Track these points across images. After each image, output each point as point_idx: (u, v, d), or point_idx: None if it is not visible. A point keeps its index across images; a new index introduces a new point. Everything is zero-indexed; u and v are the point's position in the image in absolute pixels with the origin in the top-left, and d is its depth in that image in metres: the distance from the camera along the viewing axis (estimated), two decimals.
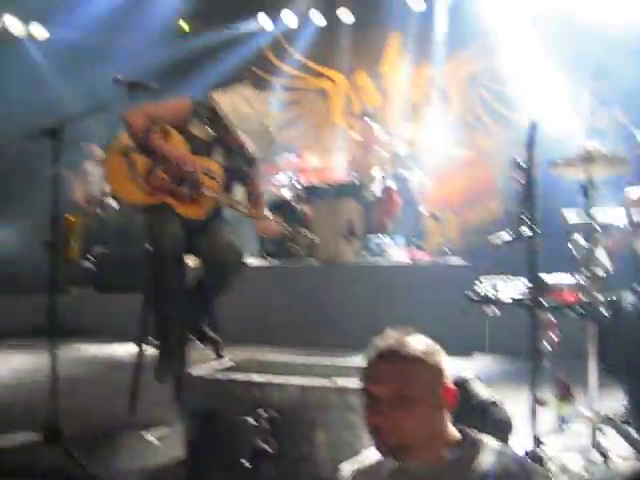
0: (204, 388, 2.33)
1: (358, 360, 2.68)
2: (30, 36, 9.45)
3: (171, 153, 3.35)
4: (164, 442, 3.00)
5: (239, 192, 3.76)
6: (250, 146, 3.44)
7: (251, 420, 2.07)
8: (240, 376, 2.28)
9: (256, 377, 2.23)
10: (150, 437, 3.04)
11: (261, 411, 2.08)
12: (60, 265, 4.95)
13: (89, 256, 7.14)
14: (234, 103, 3.46)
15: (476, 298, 2.87)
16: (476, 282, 2.91)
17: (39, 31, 9.42)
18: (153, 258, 3.33)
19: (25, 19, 9.29)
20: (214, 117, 3.49)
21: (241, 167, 3.61)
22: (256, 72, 9.84)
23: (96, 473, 2.49)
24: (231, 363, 2.60)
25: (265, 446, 2.01)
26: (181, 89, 7.08)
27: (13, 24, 9.21)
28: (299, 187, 7.30)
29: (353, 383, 2.14)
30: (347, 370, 2.38)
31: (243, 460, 1.98)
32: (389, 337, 1.56)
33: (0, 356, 5.43)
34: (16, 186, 8.29)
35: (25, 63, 9.36)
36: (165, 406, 3.61)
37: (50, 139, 2.84)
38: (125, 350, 5.69)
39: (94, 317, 6.45)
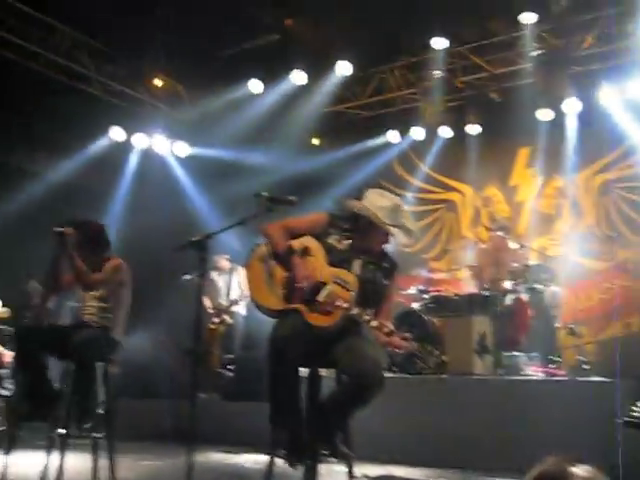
0: None
1: None
2: (173, 153, 10.20)
3: (300, 272, 3.43)
4: None
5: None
6: (398, 235, 3.45)
7: None
8: None
9: None
10: None
11: None
12: (199, 372, 5.15)
13: (228, 364, 7.27)
14: (369, 199, 3.53)
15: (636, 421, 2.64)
16: (632, 407, 2.70)
17: (182, 148, 10.16)
18: (271, 359, 3.34)
19: (170, 137, 10.07)
20: (351, 223, 3.58)
21: (377, 279, 3.60)
22: (384, 185, 10.07)
23: None
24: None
25: None
26: (314, 203, 7.36)
27: (160, 142, 9.99)
28: (428, 298, 7.22)
29: None
30: None
31: None
32: (550, 465, 1.43)
33: (130, 462, 5.50)
34: (150, 294, 8.72)
35: (168, 178, 10.06)
36: None
37: (197, 250, 2.97)
38: (252, 460, 5.70)
39: (218, 425, 6.49)
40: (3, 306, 6.39)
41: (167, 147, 10.09)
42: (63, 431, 4.29)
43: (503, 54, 8.72)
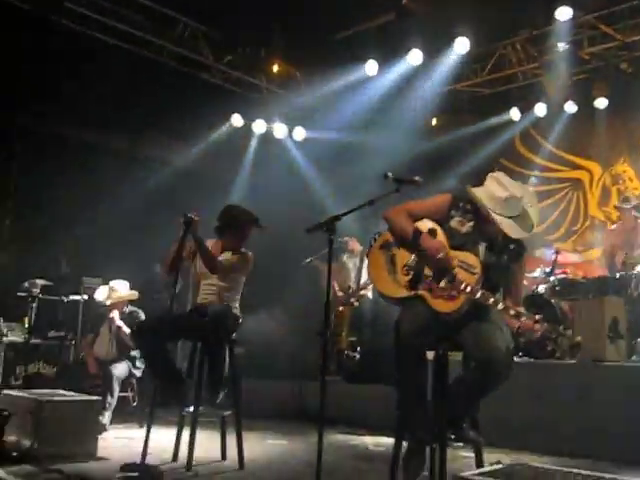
0: None
1: None
2: (291, 137, 10.33)
3: (430, 250, 3.36)
4: None
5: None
6: (507, 228, 3.32)
7: None
8: None
9: None
10: None
11: None
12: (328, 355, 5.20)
13: (355, 347, 7.31)
14: (489, 190, 3.40)
15: None
16: None
17: (299, 132, 10.27)
18: (397, 348, 3.33)
19: (288, 122, 10.20)
20: (473, 209, 3.47)
21: (502, 262, 3.48)
22: (506, 165, 9.76)
23: None
24: (500, 466, 2.44)
25: None
26: (434, 185, 7.23)
27: (278, 128, 10.15)
28: (556, 282, 6.94)
29: None
30: None
31: None
32: None
33: (256, 439, 5.65)
34: (273, 278, 8.88)
35: (287, 162, 10.20)
36: None
37: (325, 232, 2.98)
38: (376, 442, 5.72)
39: (342, 407, 6.52)
40: (132, 289, 6.69)
41: (285, 132, 10.22)
42: (191, 409, 4.47)
43: (634, 21, 8.19)
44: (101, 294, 6.65)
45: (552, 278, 7.00)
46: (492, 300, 3.28)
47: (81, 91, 8.05)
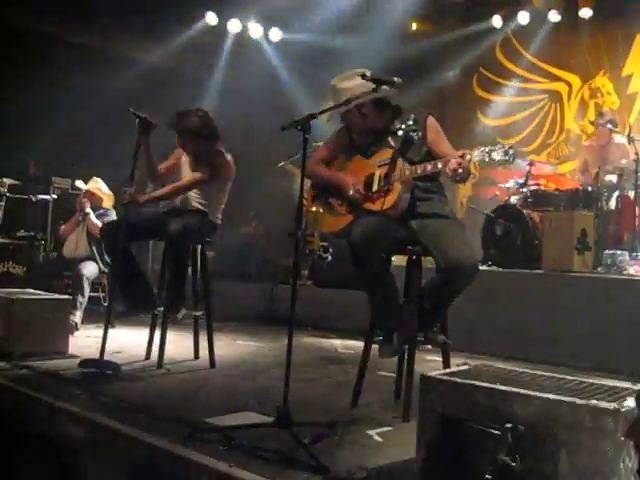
0: (439, 390, 2.24)
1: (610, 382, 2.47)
2: (267, 38, 10.03)
3: (339, 180, 3.58)
4: (387, 441, 2.97)
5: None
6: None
7: (494, 431, 1.95)
8: (481, 382, 2.17)
9: (500, 385, 2.10)
10: (375, 435, 3.02)
11: (506, 423, 1.95)
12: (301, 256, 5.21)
13: (328, 249, 7.28)
14: (340, 88, 3.51)
15: None
16: None
17: (275, 34, 9.97)
18: (355, 263, 3.37)
19: (264, 23, 9.87)
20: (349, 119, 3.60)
21: (408, 138, 3.48)
22: (485, 74, 9.62)
23: (326, 463, 2.50)
24: (466, 367, 2.49)
25: (509, 461, 1.88)
26: (411, 90, 7.12)
27: (254, 28, 9.83)
28: (528, 193, 6.96)
29: (607, 405, 1.94)
30: (597, 390, 2.18)
31: (485, 473, 1.87)
32: None
33: (227, 340, 5.74)
34: (246, 180, 8.80)
35: (262, 63, 9.93)
36: (388, 404, 3.63)
37: (300, 130, 2.91)
38: (345, 345, 5.84)
39: (311, 310, 6.61)
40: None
41: (261, 32, 9.91)
42: (161, 309, 4.50)
43: None
44: (81, 183, 6.62)
45: (525, 189, 7.03)
46: (421, 168, 3.29)
47: None
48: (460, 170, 3.08)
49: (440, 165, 3.21)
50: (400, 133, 3.49)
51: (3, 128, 7.96)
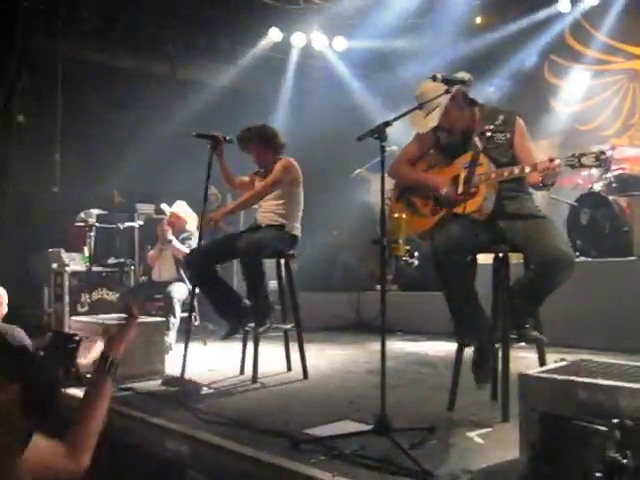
0: (539, 388, 2.20)
1: None
2: (332, 48, 10.07)
3: (428, 181, 3.58)
4: (488, 442, 2.94)
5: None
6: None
7: (600, 427, 1.90)
8: (581, 377, 2.12)
9: (602, 379, 2.05)
10: (476, 437, 2.99)
11: (612, 418, 1.90)
12: (387, 263, 5.21)
13: (414, 254, 7.26)
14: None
15: None
16: None
17: (339, 42, 10.00)
18: (435, 259, 3.35)
19: (328, 33, 9.93)
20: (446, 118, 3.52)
21: (497, 138, 3.47)
22: (556, 60, 9.38)
23: (429, 468, 2.50)
24: (564, 363, 2.44)
25: (620, 458, 1.83)
26: (483, 83, 7.04)
27: (318, 39, 9.90)
28: (612, 179, 6.73)
29: None
30: None
31: (594, 471, 1.83)
32: None
33: (318, 350, 5.78)
34: (321, 191, 8.86)
35: (329, 74, 9.99)
36: (485, 405, 3.59)
37: (376, 138, 2.93)
38: (433, 348, 5.80)
39: (399, 315, 6.58)
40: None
41: (326, 43, 9.97)
42: (252, 324, 4.58)
43: None
44: (166, 206, 6.82)
45: (608, 175, 6.80)
46: (508, 172, 3.29)
47: (118, 19, 7.99)
48: (548, 175, 3.11)
49: (528, 170, 3.21)
50: (488, 134, 3.47)
51: (87, 163, 8.30)
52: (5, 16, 7.23)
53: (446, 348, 5.35)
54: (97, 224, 7.25)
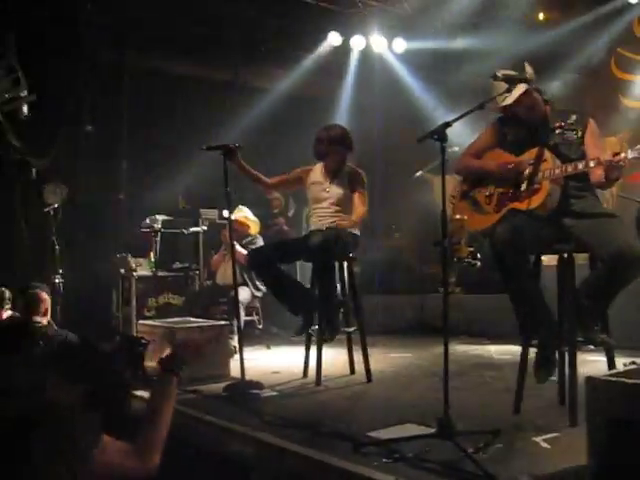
0: (608, 392, 2.14)
1: None
2: (391, 50, 10.02)
3: (493, 166, 3.56)
4: (555, 447, 2.87)
5: None
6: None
7: None
8: None
9: None
10: (542, 442, 2.92)
11: None
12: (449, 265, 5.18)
13: (477, 255, 7.16)
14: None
15: None
16: None
17: (399, 44, 9.94)
18: (495, 251, 3.33)
19: (387, 35, 9.89)
20: (516, 115, 3.57)
21: (567, 136, 3.44)
22: (624, 54, 9.10)
23: (494, 472, 2.46)
24: (634, 367, 2.36)
25: None
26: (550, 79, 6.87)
27: (377, 41, 9.87)
28: None
29: None
30: None
31: None
32: None
33: (381, 353, 5.76)
34: (384, 192, 8.81)
35: (389, 76, 9.94)
36: (552, 410, 3.51)
37: (437, 140, 2.91)
38: (498, 350, 5.71)
39: (462, 317, 6.51)
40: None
41: (385, 45, 9.92)
42: (315, 327, 4.60)
43: None
44: (227, 212, 6.92)
45: None
46: (572, 167, 3.26)
47: (181, 27, 8.16)
48: (612, 169, 3.07)
49: (592, 164, 3.19)
50: (558, 130, 3.46)
51: (152, 170, 8.49)
52: (73, 28, 7.48)
53: (511, 351, 5.26)
54: (162, 229, 7.40)
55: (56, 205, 6.97)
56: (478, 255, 6.94)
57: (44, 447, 0.84)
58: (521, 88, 3.38)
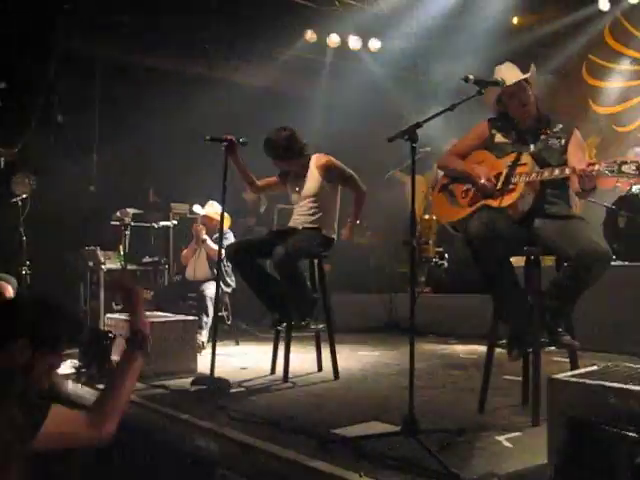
0: (569, 392, 2.18)
1: None
2: (367, 49, 10.06)
3: (474, 173, 3.56)
4: (517, 446, 2.91)
5: None
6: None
7: (631, 434, 1.88)
8: (613, 383, 2.09)
9: (633, 385, 2.02)
10: (505, 440, 2.96)
11: None
12: (418, 265, 5.21)
13: (444, 255, 7.22)
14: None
15: None
16: None
17: (374, 44, 9.98)
18: (476, 258, 3.37)
19: (362, 34, 9.92)
20: (504, 117, 3.67)
21: (551, 143, 3.53)
22: (595, 60, 9.24)
23: (457, 471, 2.48)
24: (595, 368, 2.41)
25: None
26: None
27: (353, 40, 9.89)
28: None
29: None
30: None
31: (623, 478, 1.80)
32: None
33: (349, 351, 5.79)
34: None
35: (363, 74, 9.97)
36: (515, 409, 3.56)
37: (407, 140, 2.92)
38: (467, 350, 5.76)
39: (429, 316, 6.54)
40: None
41: (360, 44, 9.95)
42: (284, 325, 4.60)
43: None
44: (198, 207, 6.88)
45: None
46: (548, 172, 3.34)
47: (154, 19, 8.09)
48: (586, 179, 3.15)
49: (567, 171, 3.27)
50: (543, 136, 3.55)
51: (124, 162, 8.41)
52: (44, 20, 7.38)
53: (477, 351, 5.32)
54: (132, 223, 7.34)
55: (24, 195, 6.88)
56: (446, 255, 7.01)
57: None
58: (520, 75, 3.48)
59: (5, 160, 7.36)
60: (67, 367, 4.59)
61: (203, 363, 5.04)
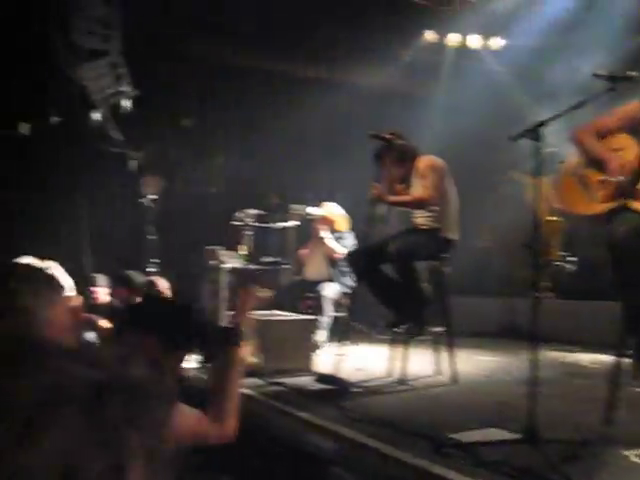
0: None
1: None
2: (487, 48, 9.83)
3: (612, 166, 3.18)
4: None
5: None
6: None
7: None
8: None
9: None
10: (633, 456, 2.80)
11: None
12: (540, 267, 5.02)
13: (569, 259, 6.91)
14: None
15: None
16: None
17: (495, 42, 9.74)
18: (616, 263, 3.10)
19: (483, 33, 9.71)
20: None
21: None
22: None
23: None
24: None
25: None
26: None
27: (473, 39, 9.70)
28: None
29: None
30: None
31: None
32: None
33: (468, 355, 5.67)
34: (474, 193, 8.65)
35: (484, 73, 9.76)
36: None
37: (531, 139, 2.83)
38: (592, 359, 5.50)
39: (553, 323, 6.29)
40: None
41: (481, 43, 9.74)
42: (403, 327, 4.57)
43: None
44: (312, 209, 6.98)
45: None
46: None
47: (274, 23, 8.28)
48: None
49: None
50: None
51: (248, 165, 8.66)
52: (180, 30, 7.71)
53: (603, 360, 5.07)
54: (253, 223, 7.52)
55: (155, 197, 7.21)
56: (572, 259, 6.69)
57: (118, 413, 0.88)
58: None
59: (137, 163, 7.73)
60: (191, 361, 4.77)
61: (319, 363, 5.11)
